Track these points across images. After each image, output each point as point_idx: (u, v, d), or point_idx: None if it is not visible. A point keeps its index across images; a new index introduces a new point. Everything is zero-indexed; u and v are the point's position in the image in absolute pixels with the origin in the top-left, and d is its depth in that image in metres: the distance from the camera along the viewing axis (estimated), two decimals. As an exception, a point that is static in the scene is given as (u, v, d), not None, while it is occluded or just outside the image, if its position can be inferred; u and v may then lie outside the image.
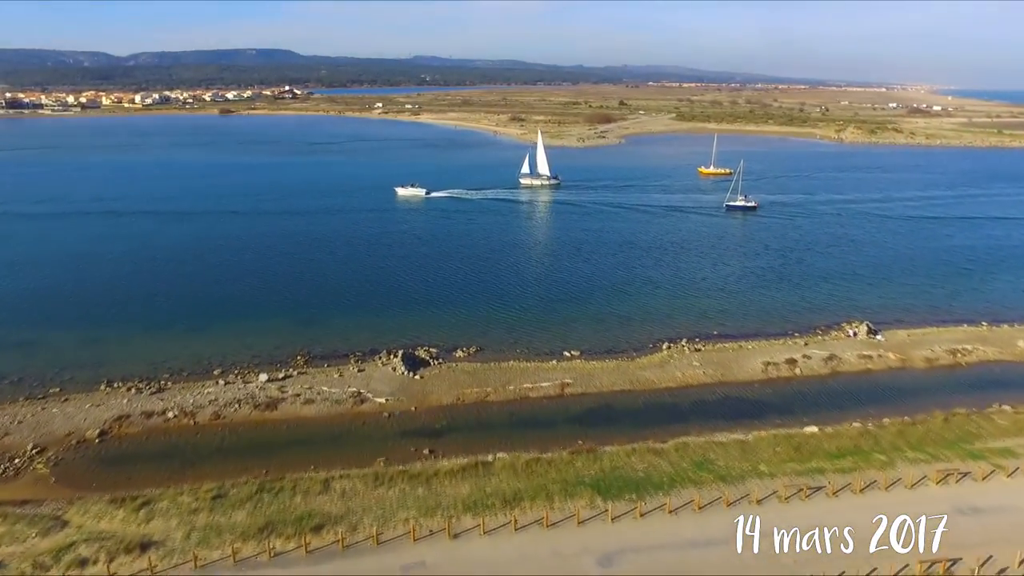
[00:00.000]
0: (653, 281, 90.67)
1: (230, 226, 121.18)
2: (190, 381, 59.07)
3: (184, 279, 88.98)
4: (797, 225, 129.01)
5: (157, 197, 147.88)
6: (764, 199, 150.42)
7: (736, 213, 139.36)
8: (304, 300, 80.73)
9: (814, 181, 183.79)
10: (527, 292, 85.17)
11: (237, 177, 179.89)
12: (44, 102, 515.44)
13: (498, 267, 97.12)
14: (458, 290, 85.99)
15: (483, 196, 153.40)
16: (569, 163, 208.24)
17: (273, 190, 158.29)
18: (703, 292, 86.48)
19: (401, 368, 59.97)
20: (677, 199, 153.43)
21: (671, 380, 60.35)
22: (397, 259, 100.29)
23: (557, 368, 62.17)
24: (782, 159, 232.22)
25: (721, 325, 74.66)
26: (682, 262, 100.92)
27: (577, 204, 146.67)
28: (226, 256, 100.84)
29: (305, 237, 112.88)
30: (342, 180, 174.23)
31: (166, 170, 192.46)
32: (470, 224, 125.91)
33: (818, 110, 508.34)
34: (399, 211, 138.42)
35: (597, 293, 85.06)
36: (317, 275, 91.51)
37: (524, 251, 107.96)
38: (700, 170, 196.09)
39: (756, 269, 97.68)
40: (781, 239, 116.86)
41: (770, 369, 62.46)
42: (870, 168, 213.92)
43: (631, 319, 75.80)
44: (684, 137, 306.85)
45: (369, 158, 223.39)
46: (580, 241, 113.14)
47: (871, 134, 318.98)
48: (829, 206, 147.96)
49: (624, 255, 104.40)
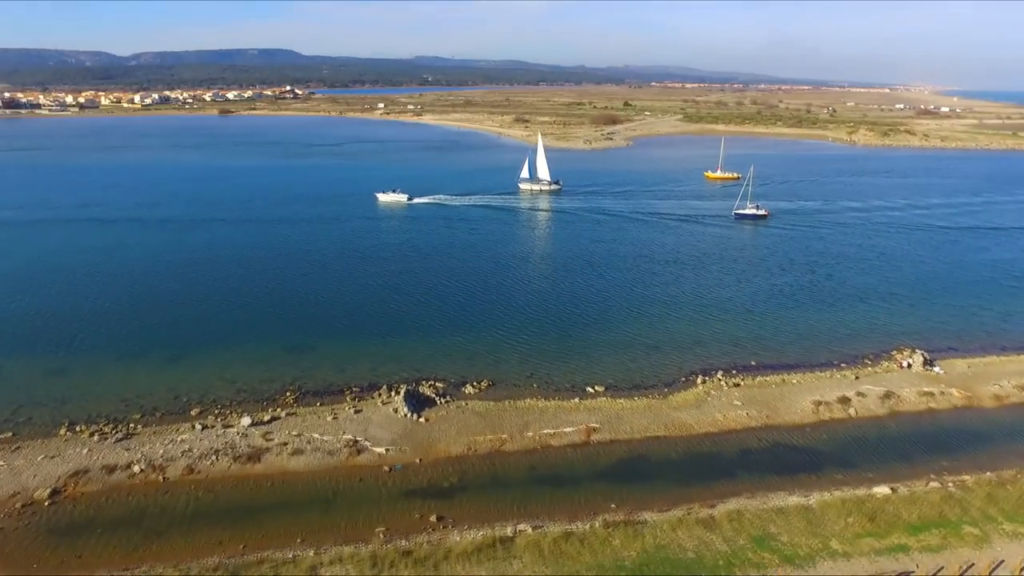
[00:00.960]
0: (675, 301, 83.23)
1: (216, 236, 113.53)
2: (164, 424, 51.80)
3: (164, 297, 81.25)
4: (820, 236, 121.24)
5: (144, 203, 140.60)
6: (777, 206, 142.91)
7: (745, 222, 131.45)
8: (294, 323, 73.28)
9: (830, 187, 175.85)
10: (538, 313, 77.63)
11: (228, 181, 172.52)
12: (42, 102, 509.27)
13: (503, 284, 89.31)
14: (461, 311, 78.28)
15: (471, 202, 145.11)
16: (575, 167, 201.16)
17: (264, 195, 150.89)
18: (731, 314, 79.03)
19: (403, 409, 52.67)
20: (683, 206, 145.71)
21: (711, 424, 53.02)
22: (394, 275, 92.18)
23: (580, 408, 54.87)
24: (793, 163, 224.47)
25: (757, 354, 67.32)
26: (703, 278, 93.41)
27: (578, 211, 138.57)
28: (210, 271, 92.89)
29: (295, 249, 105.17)
30: (337, 185, 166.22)
31: (157, 173, 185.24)
32: (471, 235, 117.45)
33: (826, 111, 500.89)
34: (387, 219, 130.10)
35: (616, 314, 77.62)
36: (308, 293, 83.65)
37: (530, 265, 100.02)
38: (706, 174, 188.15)
39: (784, 287, 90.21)
40: (805, 252, 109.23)
41: (822, 410, 55.10)
42: (887, 172, 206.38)
43: (657, 346, 68.45)
44: (692, 139, 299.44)
45: (368, 161, 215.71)
46: (589, 254, 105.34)
47: (884, 136, 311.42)
48: (849, 214, 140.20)
49: (638, 269, 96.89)
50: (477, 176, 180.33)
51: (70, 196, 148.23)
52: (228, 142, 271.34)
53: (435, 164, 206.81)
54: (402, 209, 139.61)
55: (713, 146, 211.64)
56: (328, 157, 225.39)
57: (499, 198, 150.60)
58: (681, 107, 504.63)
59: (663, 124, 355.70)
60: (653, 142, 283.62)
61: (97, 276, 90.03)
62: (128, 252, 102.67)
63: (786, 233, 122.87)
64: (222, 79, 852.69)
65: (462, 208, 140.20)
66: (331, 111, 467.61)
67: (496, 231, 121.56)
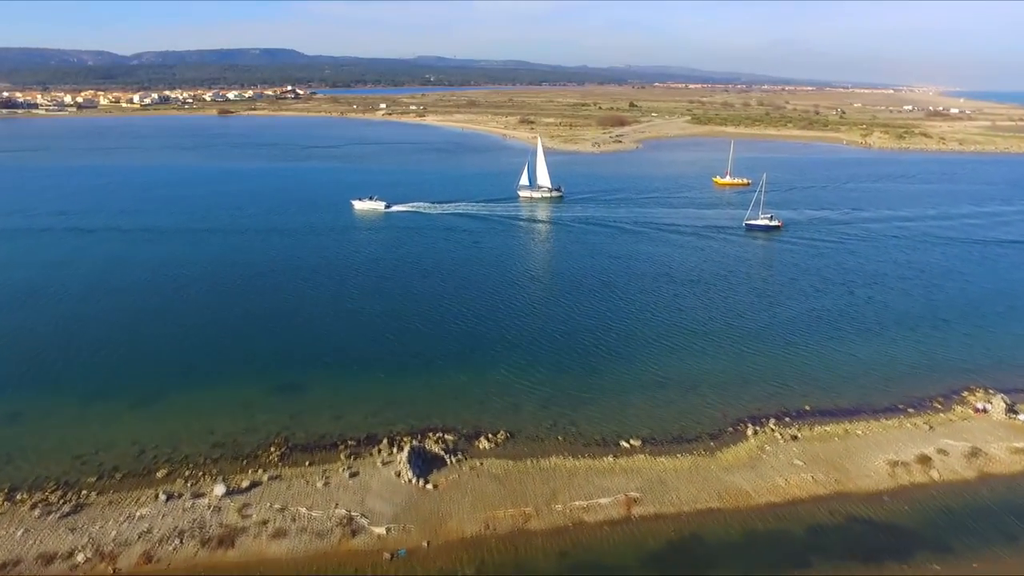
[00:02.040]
0: (706, 329, 74.70)
1: (200, 249, 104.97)
2: (123, 490, 43.71)
3: (134, 325, 72.54)
4: (850, 250, 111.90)
5: (128, 210, 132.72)
6: (792, 216, 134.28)
7: (757, 233, 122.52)
8: (281, 355, 64.89)
9: (848, 193, 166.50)
10: (554, 343, 69.06)
11: (219, 186, 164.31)
12: (40, 101, 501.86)
13: (510, 307, 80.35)
14: (467, 341, 69.58)
15: (460, 211, 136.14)
16: (584, 171, 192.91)
17: (255, 202, 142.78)
18: (771, 345, 70.63)
19: (407, 473, 44.50)
20: (692, 215, 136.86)
21: (772, 491, 44.82)
22: (389, 297, 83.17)
23: (615, 468, 46.70)
24: (807, 167, 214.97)
25: (808, 395, 59.04)
26: (731, 301, 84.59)
27: (581, 222, 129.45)
28: (189, 292, 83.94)
29: (284, 265, 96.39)
30: (334, 190, 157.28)
31: (146, 177, 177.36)
32: (469, 249, 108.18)
33: (834, 113, 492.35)
34: (373, 231, 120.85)
35: (641, 345, 69.20)
36: (296, 319, 75.00)
37: (538, 285, 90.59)
38: (715, 180, 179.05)
39: (823, 312, 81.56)
40: (837, 269, 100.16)
41: (899, 472, 46.87)
42: (907, 177, 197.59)
43: (694, 385, 60.20)
44: (702, 141, 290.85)
45: (368, 164, 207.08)
46: (600, 271, 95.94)
47: (899, 139, 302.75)
48: (875, 225, 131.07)
49: (657, 291, 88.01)
50: (476, 181, 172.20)
51: (51, 202, 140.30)
52: (225, 143, 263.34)
53: (435, 168, 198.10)
54: (379, 218, 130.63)
55: (723, 149, 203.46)
56: (326, 160, 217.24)
57: (496, 206, 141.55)
58: (687, 108, 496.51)
59: (671, 126, 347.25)
60: (663, 145, 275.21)
61: (60, 297, 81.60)
62: (99, 269, 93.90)
63: (806, 247, 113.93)
64: (224, 79, 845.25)
65: (447, 217, 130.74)
66: (332, 111, 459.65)
67: (495, 245, 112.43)
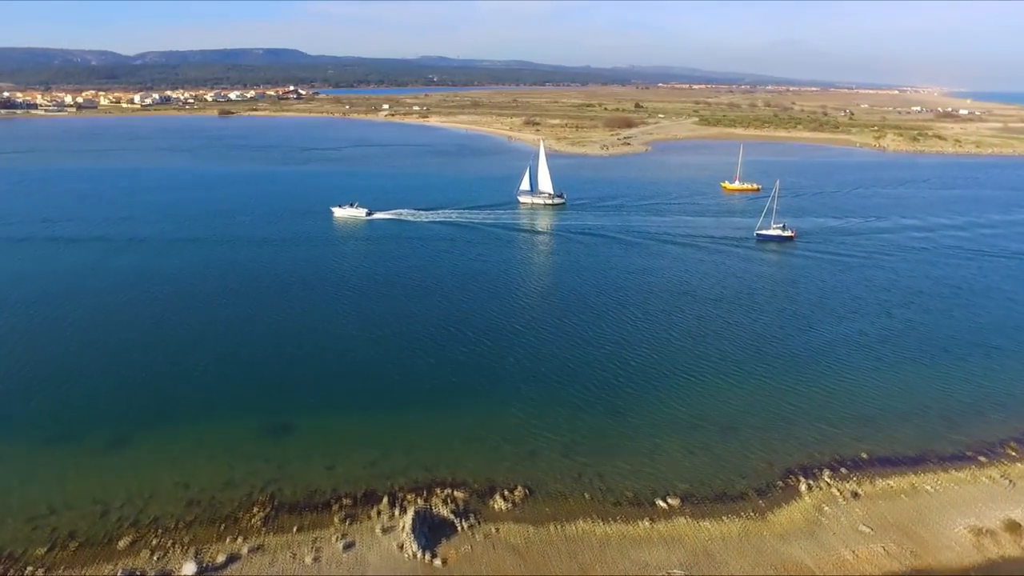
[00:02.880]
0: (736, 357, 67.48)
1: (184, 263, 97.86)
2: (76, 565, 37.23)
3: (105, 355, 64.91)
4: (877, 263, 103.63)
5: (114, 217, 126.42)
6: (808, 225, 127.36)
7: (769, 244, 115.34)
8: (265, 390, 58.00)
9: (868, 200, 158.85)
10: (571, 377, 61.69)
11: (213, 191, 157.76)
12: (39, 102, 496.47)
13: (516, 333, 72.24)
14: (471, 374, 62.19)
15: (450, 219, 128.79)
16: (590, 175, 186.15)
17: (248, 208, 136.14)
18: (811, 376, 63.69)
19: (411, 545, 37.90)
20: (701, 224, 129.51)
21: (838, 565, 38.15)
22: (380, 321, 74.87)
23: (653, 535, 40.12)
24: (821, 171, 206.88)
25: (861, 439, 52.29)
26: (759, 324, 77.33)
27: (585, 230, 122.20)
28: (168, 315, 76.20)
29: (271, 282, 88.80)
30: (330, 196, 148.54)
31: (138, 181, 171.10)
32: (464, 263, 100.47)
33: (843, 114, 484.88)
34: (355, 241, 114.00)
35: (668, 378, 62.23)
36: (281, 347, 67.38)
37: (545, 306, 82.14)
38: (723, 185, 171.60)
39: (861, 337, 74.27)
40: (868, 287, 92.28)
41: (985, 543, 40.19)
42: (928, 182, 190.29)
43: (733, 426, 53.53)
44: (712, 144, 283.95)
45: (367, 168, 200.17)
46: (611, 288, 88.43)
47: (913, 142, 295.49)
48: (900, 235, 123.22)
49: (678, 311, 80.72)
50: (477, 186, 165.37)
51: (34, 208, 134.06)
52: (222, 145, 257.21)
53: (436, 172, 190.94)
54: (361, 227, 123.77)
55: (732, 152, 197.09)
56: (325, 163, 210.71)
57: (494, 213, 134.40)
58: (694, 109, 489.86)
59: (679, 128, 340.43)
60: (672, 147, 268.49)
61: (26, 321, 74.06)
62: (73, 286, 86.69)
63: (829, 260, 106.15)
64: (226, 79, 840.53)
65: (436, 227, 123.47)
66: (334, 112, 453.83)
67: (491, 257, 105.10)
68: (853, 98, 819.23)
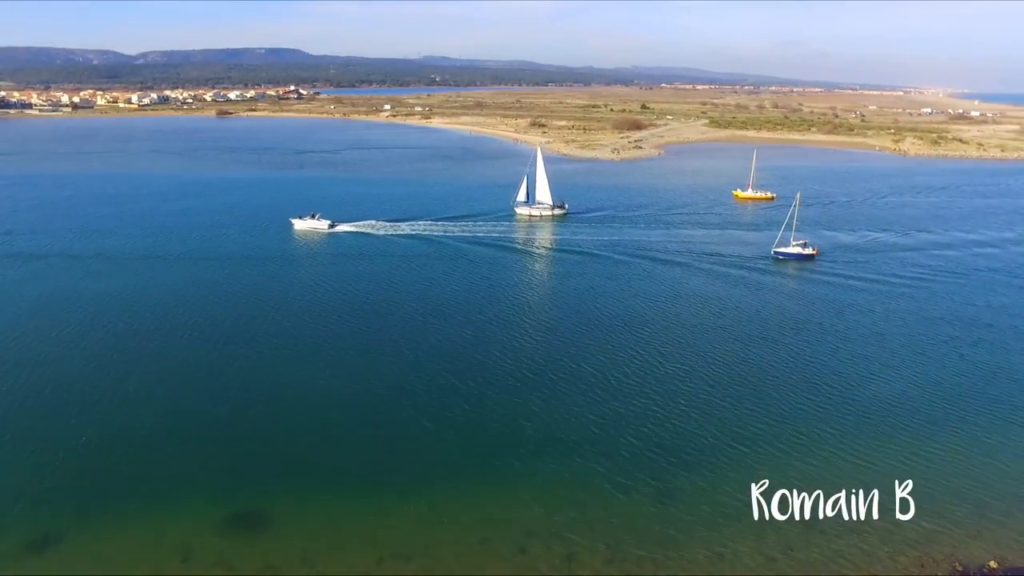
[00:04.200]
0: (803, 418, 56.03)
1: (150, 287, 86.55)
2: None
3: (28, 416, 53.17)
4: (925, 288, 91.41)
5: (81, 229, 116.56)
6: (831, 239, 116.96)
7: (789, 264, 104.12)
8: (232, 463, 47.55)
9: (900, 211, 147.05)
10: (603, 446, 50.81)
11: (194, 200, 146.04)
12: (34, 102, 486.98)
13: (524, 383, 60.30)
14: (482, 441, 51.01)
15: (418, 232, 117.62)
16: (600, 181, 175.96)
17: (230, 221, 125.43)
18: (898, 446, 51.77)
19: None
20: (711, 239, 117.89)
21: None
22: (355, 368, 63.45)
23: None
24: (841, 177, 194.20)
25: (980, 535, 42.07)
26: (815, 370, 65.33)
27: (583, 248, 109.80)
28: (110, 357, 64.42)
29: (228, 313, 77.12)
30: (321, 205, 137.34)
31: (118, 186, 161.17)
32: (456, 289, 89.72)
33: (853, 115, 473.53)
34: (316, 259, 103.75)
35: (722, 445, 51.37)
36: (249, 402, 56.38)
37: (557, 343, 70.26)
38: (735, 194, 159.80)
39: (940, 388, 62.18)
40: (926, 319, 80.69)
41: None
42: (959, 190, 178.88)
43: (816, 525, 43.16)
44: (725, 147, 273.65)
45: (365, 174, 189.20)
46: (633, 323, 77.88)
47: (934, 145, 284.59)
48: (944, 253, 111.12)
49: (719, 355, 69.48)
50: (473, 194, 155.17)
51: (2, 218, 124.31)
52: (216, 147, 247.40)
53: (438, 179, 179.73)
54: (323, 241, 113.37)
55: (745, 155, 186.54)
56: (321, 168, 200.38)
57: (485, 227, 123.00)
58: (701, 110, 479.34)
59: (691, 130, 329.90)
60: (685, 150, 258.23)
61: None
62: (37, 311, 76.48)
63: (868, 284, 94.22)
64: (228, 78, 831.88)
65: (410, 242, 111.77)
66: (335, 113, 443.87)
67: (486, 279, 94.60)
68: (859, 99, 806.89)
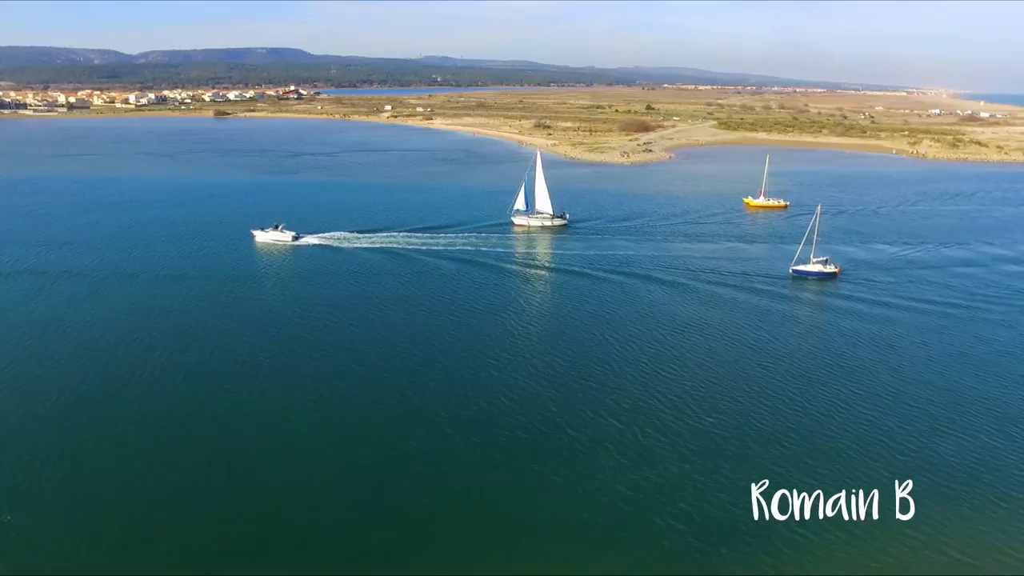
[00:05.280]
0: (868, 475, 48.50)
1: (120, 311, 78.00)
2: None
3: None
4: (975, 312, 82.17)
5: (49, 242, 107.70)
6: (854, 253, 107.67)
7: (808, 284, 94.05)
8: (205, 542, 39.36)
9: (928, 220, 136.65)
10: (641, 531, 42.88)
11: (178, 210, 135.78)
12: (29, 102, 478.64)
13: (537, 443, 51.85)
14: (496, 524, 43.06)
15: (403, 245, 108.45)
16: (610, 187, 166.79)
17: (212, 233, 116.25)
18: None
19: None
20: (723, 253, 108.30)
21: None
22: (328, 425, 54.75)
23: None
24: (860, 183, 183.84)
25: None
26: (883, 428, 58.01)
27: (584, 265, 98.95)
28: (75, 407, 56.12)
29: (183, 346, 68.05)
30: (311, 213, 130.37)
31: (98, 193, 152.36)
32: (447, 314, 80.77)
33: (862, 117, 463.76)
34: (283, 277, 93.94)
35: (784, 534, 42.94)
36: (211, 475, 47.67)
37: (574, 394, 60.54)
38: (746, 201, 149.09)
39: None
40: (992, 355, 71.70)
41: None
42: (990, 196, 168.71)
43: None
44: (737, 150, 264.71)
45: (362, 179, 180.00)
46: (655, 361, 69.04)
47: (953, 148, 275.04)
48: (985, 270, 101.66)
49: (766, 396, 61.85)
50: (470, 202, 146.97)
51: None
52: (209, 150, 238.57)
53: (436, 184, 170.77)
54: (287, 255, 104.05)
55: (757, 159, 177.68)
56: (315, 172, 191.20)
57: (476, 239, 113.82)
58: (708, 111, 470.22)
59: (700, 132, 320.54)
60: (695, 154, 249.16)
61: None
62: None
63: (905, 307, 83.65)
64: (228, 78, 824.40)
65: (383, 257, 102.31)
66: (334, 113, 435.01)
67: (478, 299, 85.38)
68: (863, 99, 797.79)
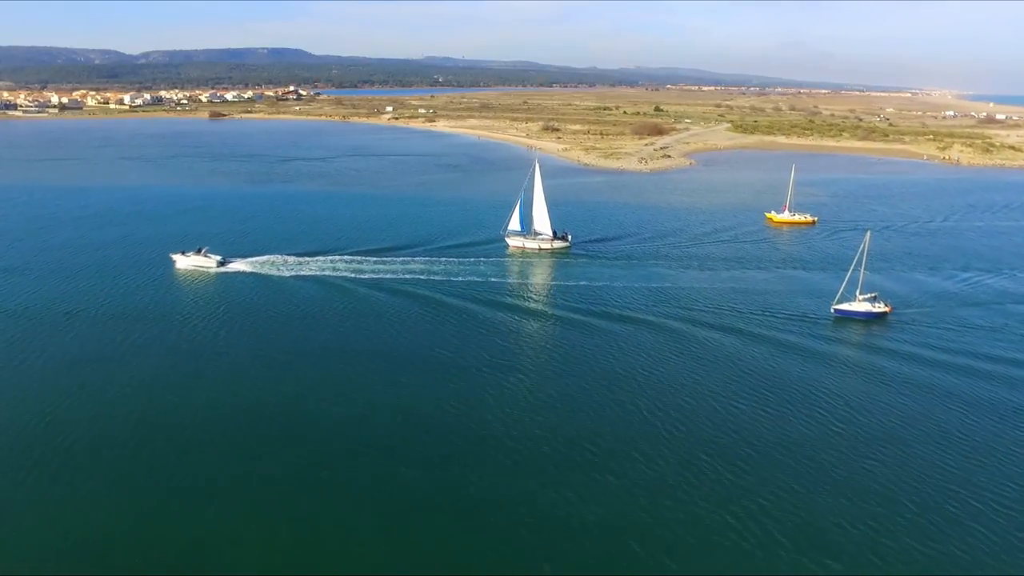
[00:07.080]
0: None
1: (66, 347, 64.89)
2: None
3: None
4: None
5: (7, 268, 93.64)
6: (904, 286, 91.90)
7: (853, 327, 78.14)
8: None
9: (982, 240, 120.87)
10: None
11: (152, 226, 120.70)
12: (20, 102, 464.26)
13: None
14: None
15: (322, 271, 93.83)
16: (630, 200, 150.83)
17: (131, 256, 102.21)
18: None
19: None
20: (750, 285, 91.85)
21: None
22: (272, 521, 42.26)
23: None
24: (896, 194, 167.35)
25: None
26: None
27: (584, 303, 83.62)
28: None
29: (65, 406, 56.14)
30: (299, 228, 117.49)
31: (68, 205, 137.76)
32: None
33: (877, 119, 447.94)
34: (195, 311, 79.51)
35: None
36: None
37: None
38: (769, 217, 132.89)
39: None
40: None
41: None
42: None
43: None
44: (758, 155, 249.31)
45: (356, 189, 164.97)
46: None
47: (986, 153, 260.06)
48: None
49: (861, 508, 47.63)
50: (472, 216, 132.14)
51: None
52: (199, 154, 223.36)
53: (440, 196, 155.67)
54: (210, 280, 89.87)
55: (780, 166, 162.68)
56: (309, 180, 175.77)
57: (463, 264, 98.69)
58: (719, 113, 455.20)
59: (716, 136, 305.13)
60: (717, 159, 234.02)
61: None
62: None
63: (953, 364, 68.02)
64: (229, 78, 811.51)
65: (318, 287, 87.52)
66: (334, 115, 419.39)
67: (462, 347, 71.27)
68: (870, 101, 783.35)
